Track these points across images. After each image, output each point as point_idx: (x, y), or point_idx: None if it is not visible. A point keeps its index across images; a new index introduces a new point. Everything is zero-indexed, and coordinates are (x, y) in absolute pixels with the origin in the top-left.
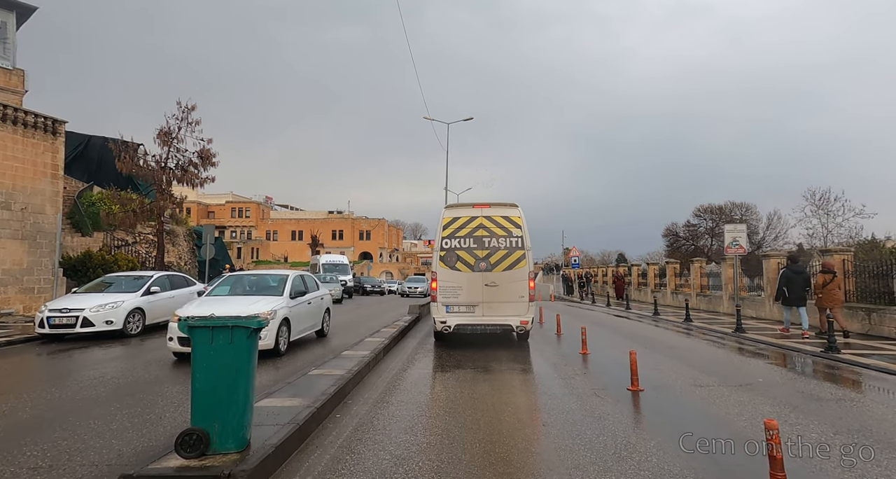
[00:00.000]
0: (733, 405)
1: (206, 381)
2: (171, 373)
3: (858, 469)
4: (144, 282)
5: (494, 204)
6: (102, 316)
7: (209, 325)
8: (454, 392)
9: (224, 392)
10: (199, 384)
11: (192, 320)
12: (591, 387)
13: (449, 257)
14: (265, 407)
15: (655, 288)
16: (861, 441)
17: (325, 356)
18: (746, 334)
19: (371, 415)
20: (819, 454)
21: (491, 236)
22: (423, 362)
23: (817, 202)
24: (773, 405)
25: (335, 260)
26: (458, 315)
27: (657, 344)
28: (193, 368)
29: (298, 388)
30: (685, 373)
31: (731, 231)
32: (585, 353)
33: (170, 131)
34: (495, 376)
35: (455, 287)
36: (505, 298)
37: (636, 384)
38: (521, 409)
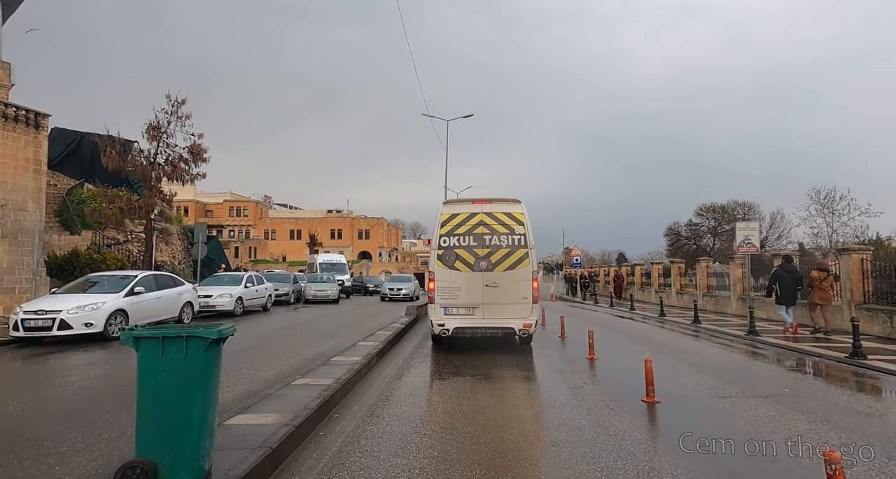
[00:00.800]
0: (763, 420)
1: (154, 403)
2: None
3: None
4: (128, 282)
5: (496, 199)
6: (81, 318)
7: (159, 335)
8: (452, 404)
9: (177, 416)
10: (145, 407)
11: (139, 330)
12: (602, 398)
13: (447, 256)
14: (236, 426)
15: (659, 288)
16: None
17: (314, 362)
18: (760, 337)
19: (359, 432)
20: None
21: (492, 234)
22: (419, 369)
23: (822, 201)
24: (808, 421)
25: (332, 259)
26: (457, 318)
27: (667, 348)
28: (139, 387)
29: (279, 401)
30: (703, 381)
31: (743, 229)
32: (592, 358)
33: (159, 126)
34: (497, 385)
35: (454, 288)
36: (507, 299)
37: (652, 395)
38: (526, 424)
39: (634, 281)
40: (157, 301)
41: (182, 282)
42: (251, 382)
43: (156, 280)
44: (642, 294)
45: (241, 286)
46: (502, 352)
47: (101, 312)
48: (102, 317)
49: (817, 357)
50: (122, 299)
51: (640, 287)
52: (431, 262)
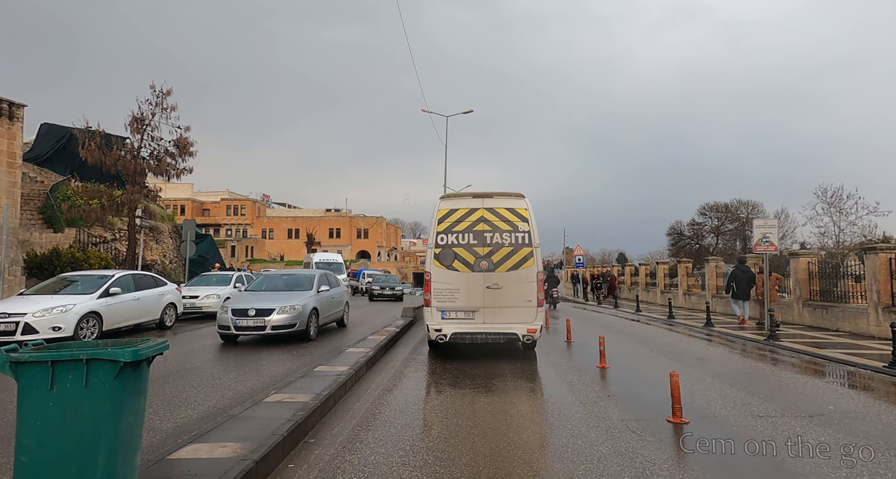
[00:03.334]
0: (818, 449)
1: (40, 452)
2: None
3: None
4: (104, 282)
5: (497, 194)
6: (48, 322)
7: (47, 358)
8: (449, 424)
9: (72, 469)
10: (29, 459)
11: (23, 351)
12: (620, 417)
13: (445, 255)
14: (183, 462)
15: (665, 288)
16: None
17: (295, 373)
18: (782, 342)
19: (336, 464)
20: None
21: (494, 231)
22: (412, 379)
23: (829, 200)
24: (878, 452)
25: (329, 259)
26: (456, 322)
27: (684, 355)
28: (19, 431)
29: (244, 424)
30: (732, 396)
31: (761, 227)
32: (604, 366)
33: (142, 118)
34: (500, 400)
35: (452, 290)
36: (510, 302)
37: (679, 415)
38: (534, 451)
39: (639, 281)
40: (135, 303)
41: (164, 282)
42: (220, 397)
43: (134, 280)
44: (647, 295)
45: (229, 287)
46: (505, 359)
47: (70, 314)
48: (72, 320)
49: (853, 366)
50: (94, 300)
51: (645, 287)
52: (428, 261)
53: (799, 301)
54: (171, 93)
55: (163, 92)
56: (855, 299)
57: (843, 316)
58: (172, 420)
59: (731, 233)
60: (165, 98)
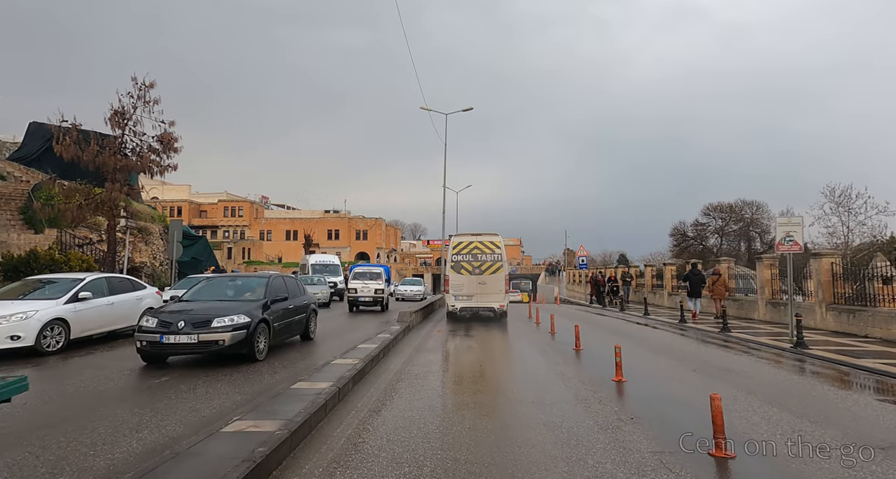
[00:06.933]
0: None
1: None
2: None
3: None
4: (74, 286)
5: (483, 233)
6: (6, 330)
7: None
8: (444, 458)
9: None
10: None
11: None
12: (650, 447)
13: (457, 266)
14: None
15: (673, 290)
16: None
17: (270, 391)
18: (811, 351)
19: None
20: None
21: (482, 253)
22: (404, 397)
23: (837, 199)
24: None
25: (325, 260)
26: (462, 301)
27: (707, 366)
28: None
29: (186, 471)
30: (778, 420)
31: (785, 225)
32: (621, 380)
33: (123, 111)
34: (504, 423)
35: (460, 285)
36: (490, 291)
37: (723, 448)
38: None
39: (645, 283)
40: (109, 308)
41: (143, 285)
42: (178, 422)
43: (108, 284)
44: (653, 297)
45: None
46: (510, 367)
47: (32, 322)
48: (34, 328)
49: (893, 378)
50: (61, 306)
51: (651, 289)
52: (447, 270)
53: (822, 305)
54: (154, 85)
55: (145, 84)
56: (884, 303)
57: (874, 321)
58: (106, 458)
59: (735, 233)
60: (148, 91)
